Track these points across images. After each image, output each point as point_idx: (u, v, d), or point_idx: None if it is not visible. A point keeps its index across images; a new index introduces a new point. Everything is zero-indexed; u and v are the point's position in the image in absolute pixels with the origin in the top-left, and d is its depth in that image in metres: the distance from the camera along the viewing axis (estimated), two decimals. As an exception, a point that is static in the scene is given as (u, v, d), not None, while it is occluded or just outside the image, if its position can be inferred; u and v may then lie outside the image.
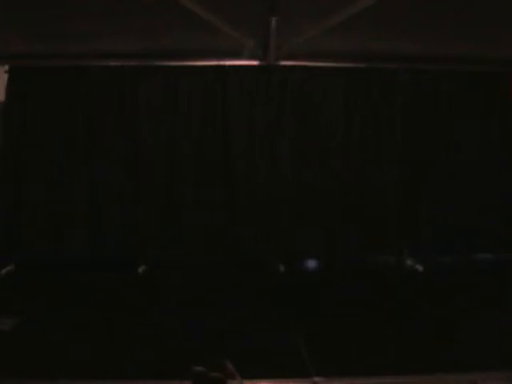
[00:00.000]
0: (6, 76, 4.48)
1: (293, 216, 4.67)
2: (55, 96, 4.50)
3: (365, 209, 4.72)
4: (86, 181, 4.58)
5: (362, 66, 4.57)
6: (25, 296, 3.94)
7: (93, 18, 3.04)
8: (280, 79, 4.59)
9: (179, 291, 4.16)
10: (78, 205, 4.57)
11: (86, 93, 4.52)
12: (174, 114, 4.58)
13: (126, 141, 4.59)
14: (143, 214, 4.61)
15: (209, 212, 4.63)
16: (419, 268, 4.70)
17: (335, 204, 4.69)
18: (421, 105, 4.70)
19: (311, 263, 4.82)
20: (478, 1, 2.62)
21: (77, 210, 4.57)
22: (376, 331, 3.35)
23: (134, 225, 4.62)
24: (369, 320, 3.54)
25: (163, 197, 4.62)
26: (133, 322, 3.48)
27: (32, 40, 3.67)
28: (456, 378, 2.59)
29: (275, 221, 4.66)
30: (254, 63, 4.33)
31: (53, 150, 4.54)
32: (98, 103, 4.54)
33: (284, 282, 4.46)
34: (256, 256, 4.70)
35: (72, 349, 3.02)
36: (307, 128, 4.65)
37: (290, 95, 4.61)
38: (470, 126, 4.74)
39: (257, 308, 3.79)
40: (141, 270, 4.58)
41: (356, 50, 4.21)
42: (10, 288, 4.21)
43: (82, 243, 4.58)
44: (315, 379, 2.66)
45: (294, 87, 4.61)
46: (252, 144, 4.63)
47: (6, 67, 4.46)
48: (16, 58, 4.34)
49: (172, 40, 3.77)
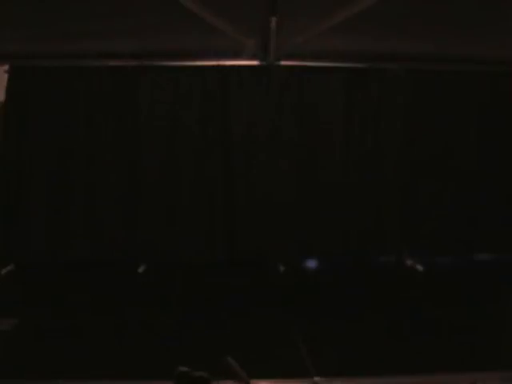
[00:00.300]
0: (6, 76, 4.48)
1: (292, 216, 4.67)
2: (55, 96, 4.50)
3: (365, 209, 4.72)
4: (86, 181, 4.58)
5: (362, 66, 4.57)
6: (25, 296, 3.94)
7: (93, 18, 3.03)
8: (280, 79, 4.59)
9: (179, 291, 4.16)
10: (78, 204, 4.57)
11: (86, 93, 4.52)
12: (174, 114, 4.58)
13: (126, 141, 4.59)
14: (143, 214, 4.62)
15: (208, 212, 4.64)
16: (419, 268, 4.71)
17: (335, 204, 4.69)
18: (421, 105, 4.70)
19: (311, 263, 4.82)
20: (479, 1, 2.62)
21: (77, 210, 4.58)
22: (376, 331, 3.36)
23: (134, 225, 4.62)
24: (369, 320, 3.54)
25: (163, 197, 4.63)
26: (133, 322, 3.48)
27: (32, 40, 3.66)
28: (456, 378, 2.59)
29: (275, 221, 4.66)
30: (254, 63, 4.33)
31: (53, 150, 4.54)
32: (98, 103, 4.54)
33: (284, 282, 4.47)
34: (256, 256, 4.70)
35: (72, 349, 3.02)
36: (307, 128, 4.65)
37: (290, 95, 4.61)
38: (470, 126, 4.74)
39: (256, 308, 3.80)
40: (141, 270, 4.58)
41: (356, 50, 4.21)
42: (10, 288, 4.21)
43: (82, 243, 4.58)
44: (315, 379, 2.66)
45: (294, 87, 4.61)
46: (252, 144, 4.63)
47: (6, 67, 4.46)
48: (16, 58, 4.34)
49: (172, 40, 3.77)
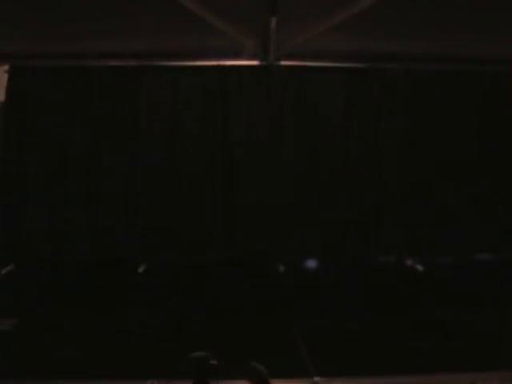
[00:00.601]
0: (6, 76, 4.48)
1: (292, 216, 4.67)
2: (55, 96, 4.50)
3: (365, 208, 4.72)
4: (86, 180, 4.58)
5: (362, 66, 4.56)
6: (25, 296, 3.94)
7: (93, 18, 3.03)
8: (280, 79, 4.59)
9: (179, 291, 4.16)
10: (78, 204, 4.57)
11: (86, 93, 4.52)
12: (174, 114, 4.58)
13: (126, 140, 4.59)
14: (143, 214, 4.61)
15: (209, 212, 4.64)
16: (419, 268, 4.70)
17: (335, 204, 4.69)
18: (421, 105, 4.70)
19: (311, 263, 4.82)
20: (479, 1, 2.62)
21: (77, 210, 4.58)
22: (376, 331, 3.36)
23: (134, 225, 4.62)
24: (368, 320, 3.54)
25: (163, 196, 4.62)
26: (133, 322, 3.48)
27: (32, 40, 3.66)
28: (456, 378, 2.59)
29: (275, 221, 4.66)
30: (254, 63, 4.32)
31: (53, 150, 4.54)
32: (98, 103, 4.54)
33: (284, 282, 4.47)
34: (256, 256, 4.70)
35: (72, 349, 3.02)
36: (307, 128, 4.65)
37: (290, 95, 4.61)
38: (470, 126, 4.74)
39: (256, 308, 3.80)
40: (141, 270, 4.58)
41: (356, 50, 4.21)
42: (10, 288, 4.21)
43: (82, 243, 4.58)
44: (315, 379, 2.67)
45: (294, 87, 4.61)
46: (252, 144, 4.63)
47: (6, 67, 4.46)
48: (16, 58, 4.33)
49: (172, 40, 3.77)
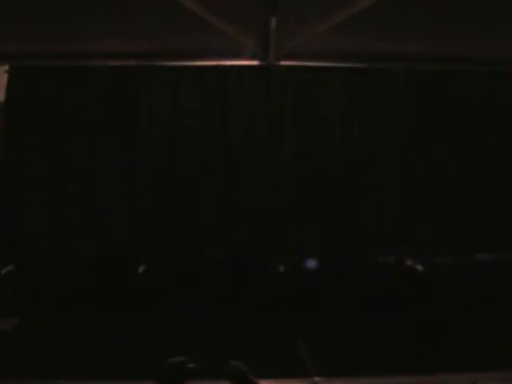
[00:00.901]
0: (6, 76, 4.48)
1: (293, 216, 4.67)
2: (55, 96, 4.50)
3: (365, 208, 4.72)
4: (86, 180, 4.58)
5: (362, 66, 4.56)
6: (25, 296, 3.94)
7: (93, 18, 3.03)
8: (280, 79, 4.58)
9: (179, 291, 4.16)
10: (78, 204, 4.57)
11: (86, 93, 4.52)
12: (174, 114, 4.58)
13: (126, 140, 4.59)
14: (143, 214, 4.61)
15: (208, 212, 4.64)
16: (419, 268, 4.70)
17: (335, 204, 4.69)
18: (421, 105, 4.70)
19: (311, 263, 4.82)
20: (479, 1, 2.62)
21: (77, 210, 4.58)
22: (376, 331, 3.36)
23: (134, 224, 4.62)
24: (368, 320, 3.54)
25: (163, 196, 4.62)
26: (133, 322, 3.48)
27: (32, 40, 3.66)
28: (456, 378, 2.59)
29: (275, 221, 4.65)
30: (254, 63, 4.32)
31: (53, 150, 4.54)
32: (99, 103, 4.54)
33: (284, 282, 4.47)
34: (256, 256, 4.70)
35: (72, 349, 3.02)
36: (307, 128, 4.65)
37: (290, 95, 4.61)
38: (470, 126, 4.74)
39: (256, 308, 3.80)
40: (141, 270, 4.58)
41: (356, 50, 4.21)
42: (10, 288, 4.21)
43: (82, 243, 4.58)
44: (315, 379, 2.67)
45: (294, 87, 4.60)
46: (252, 144, 4.63)
47: (6, 67, 4.46)
48: (16, 58, 4.33)
49: (172, 40, 3.76)
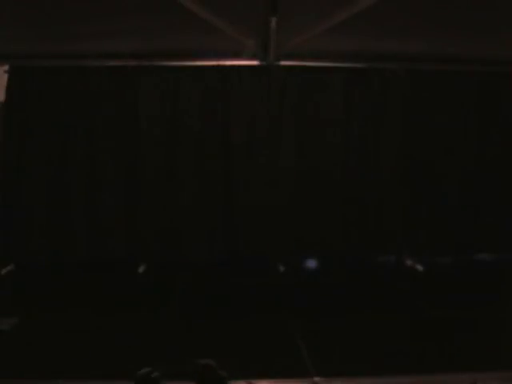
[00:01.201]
0: (6, 76, 4.48)
1: (293, 216, 4.66)
2: (55, 96, 4.50)
3: (365, 208, 4.72)
4: (86, 181, 4.58)
5: (362, 66, 4.56)
6: (25, 296, 3.94)
7: (93, 18, 3.03)
8: (280, 79, 4.58)
9: (179, 291, 4.16)
10: (78, 204, 4.57)
11: (86, 93, 4.52)
12: (174, 114, 4.58)
13: (126, 141, 4.59)
14: (143, 214, 4.61)
15: (209, 212, 4.63)
16: (419, 268, 4.70)
17: (335, 204, 4.68)
18: (421, 105, 4.69)
19: (311, 263, 4.82)
20: (478, 1, 2.62)
21: (77, 210, 4.57)
22: (376, 331, 3.36)
23: (134, 224, 4.62)
24: (368, 320, 3.54)
25: (163, 196, 4.62)
26: (133, 322, 3.48)
27: (32, 40, 3.67)
28: (456, 378, 2.59)
29: (275, 221, 4.65)
30: (254, 63, 4.33)
31: (53, 150, 4.54)
32: (98, 103, 4.54)
33: (284, 282, 4.47)
34: (256, 256, 4.69)
35: (72, 349, 3.02)
36: (307, 128, 4.64)
37: (290, 95, 4.61)
38: (470, 126, 4.74)
39: (256, 308, 3.80)
40: (141, 270, 4.58)
41: (356, 50, 4.21)
42: (10, 288, 4.21)
43: (82, 243, 4.58)
44: (315, 379, 2.67)
45: (294, 87, 4.60)
46: (252, 144, 4.63)
47: (6, 67, 4.46)
48: (16, 58, 4.33)
49: (172, 40, 3.77)
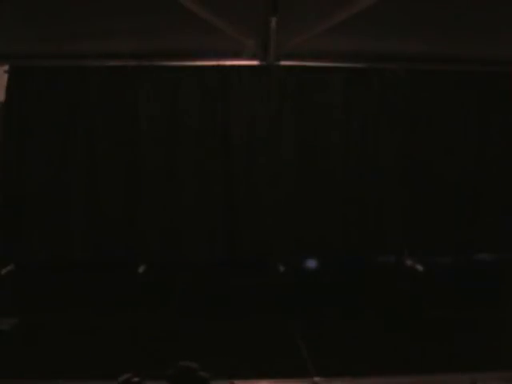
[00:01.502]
0: (6, 76, 4.48)
1: (293, 216, 4.66)
2: (55, 96, 4.50)
3: (365, 208, 4.72)
4: (86, 181, 4.58)
5: (362, 66, 4.56)
6: (25, 296, 3.94)
7: (93, 18, 3.03)
8: (280, 79, 4.58)
9: (179, 291, 4.16)
10: (78, 204, 4.57)
11: (86, 93, 4.52)
12: (174, 114, 4.58)
13: (126, 141, 4.58)
14: (143, 214, 4.61)
15: (209, 212, 4.63)
16: (419, 268, 4.70)
17: (335, 204, 4.69)
18: (421, 105, 4.69)
19: (311, 263, 4.82)
20: (478, 1, 2.62)
21: (77, 210, 4.57)
22: (376, 331, 3.36)
23: (135, 224, 4.61)
24: (368, 320, 3.54)
25: (163, 196, 4.62)
26: (133, 322, 3.48)
27: (32, 40, 3.67)
28: (456, 378, 2.59)
29: (275, 221, 4.65)
30: (254, 63, 4.33)
31: (53, 150, 4.53)
32: (98, 103, 4.54)
33: (284, 282, 4.47)
34: (256, 256, 4.69)
35: (72, 349, 3.02)
36: (307, 128, 4.64)
37: (290, 95, 4.61)
38: (470, 126, 4.74)
39: (256, 308, 3.80)
40: (141, 270, 4.58)
41: (356, 50, 4.21)
42: (10, 288, 4.21)
43: (82, 243, 4.58)
44: (315, 379, 2.67)
45: (294, 87, 4.60)
46: (252, 144, 4.63)
47: (6, 67, 4.46)
48: (16, 58, 4.33)
49: (172, 40, 3.77)
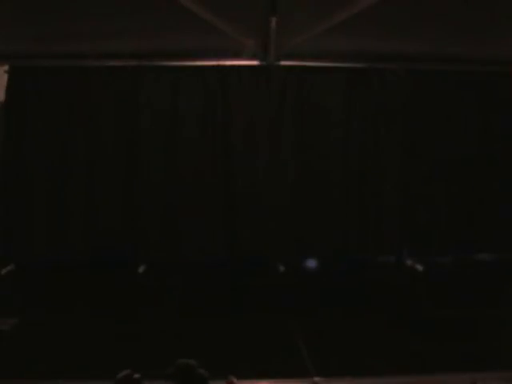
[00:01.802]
0: (6, 76, 4.48)
1: (293, 216, 4.66)
2: (55, 96, 4.50)
3: (365, 209, 4.72)
4: (86, 181, 4.58)
5: (362, 66, 4.56)
6: (25, 296, 3.94)
7: (93, 18, 3.03)
8: (280, 79, 4.58)
9: (179, 291, 4.16)
10: (78, 205, 4.57)
11: (86, 93, 4.52)
12: (174, 114, 4.58)
13: (126, 141, 4.59)
14: (143, 214, 4.61)
15: (209, 212, 4.63)
16: (419, 268, 4.71)
17: (335, 204, 4.69)
18: (421, 105, 4.70)
19: (311, 263, 4.82)
20: (478, 1, 2.62)
21: (77, 210, 4.57)
22: (376, 331, 3.36)
23: (134, 224, 4.62)
24: (368, 320, 3.54)
25: (163, 196, 4.62)
26: (133, 322, 3.48)
27: (32, 40, 3.67)
28: (456, 378, 2.59)
29: (275, 221, 4.65)
30: (254, 63, 4.33)
31: (53, 150, 4.54)
32: (98, 103, 4.54)
33: (284, 282, 4.46)
34: (256, 256, 4.69)
35: (72, 349, 3.02)
36: (307, 128, 4.64)
37: (290, 95, 4.61)
38: (470, 126, 4.74)
39: (256, 308, 3.80)
40: (141, 270, 4.58)
41: (356, 50, 4.21)
42: (10, 288, 4.21)
43: (82, 243, 4.58)
44: (315, 379, 2.67)
45: (294, 87, 4.60)
46: (252, 144, 4.62)
47: (6, 67, 4.46)
48: (16, 58, 4.34)
49: (172, 40, 3.77)
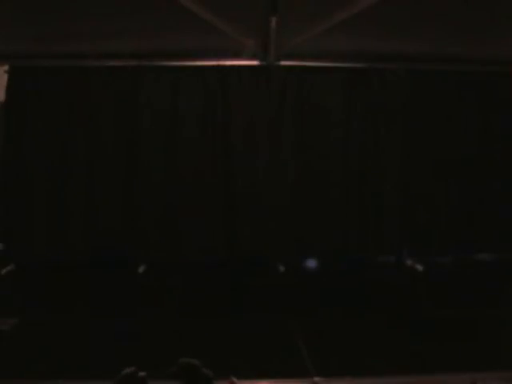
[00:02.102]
0: (6, 76, 4.48)
1: (293, 216, 4.66)
2: (55, 96, 4.50)
3: (365, 209, 4.72)
4: (86, 181, 4.58)
5: (362, 66, 4.57)
6: (25, 296, 3.94)
7: (93, 18, 3.03)
8: (280, 79, 4.58)
9: (179, 291, 4.16)
10: (78, 204, 4.57)
11: (86, 93, 4.52)
12: (174, 114, 4.58)
13: (126, 141, 4.59)
14: (143, 214, 4.61)
15: (209, 212, 4.63)
16: (419, 268, 4.71)
17: (335, 204, 4.69)
18: (421, 105, 4.70)
19: (311, 263, 4.82)
20: (478, 1, 2.62)
21: (77, 210, 4.57)
22: (376, 331, 3.36)
23: (134, 224, 4.62)
24: (369, 320, 3.54)
25: (163, 196, 4.62)
26: (133, 322, 3.48)
27: (32, 40, 3.67)
28: (456, 378, 2.59)
29: (275, 220, 4.65)
30: (254, 63, 4.33)
31: (53, 150, 4.54)
32: (98, 103, 4.54)
33: (284, 282, 4.47)
34: (256, 256, 4.70)
35: (72, 349, 3.02)
36: (307, 128, 4.64)
37: (290, 95, 4.61)
38: (470, 126, 4.74)
39: (256, 308, 3.80)
40: (141, 270, 4.58)
41: (356, 50, 4.21)
42: (10, 288, 4.21)
43: (82, 243, 4.58)
44: (315, 379, 2.67)
45: (294, 87, 4.60)
46: (252, 144, 4.63)
47: (6, 67, 4.46)
48: (16, 58, 4.34)
49: (172, 40, 3.77)
